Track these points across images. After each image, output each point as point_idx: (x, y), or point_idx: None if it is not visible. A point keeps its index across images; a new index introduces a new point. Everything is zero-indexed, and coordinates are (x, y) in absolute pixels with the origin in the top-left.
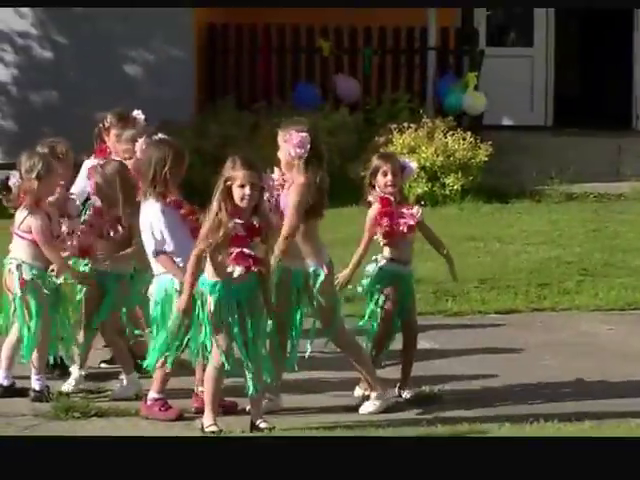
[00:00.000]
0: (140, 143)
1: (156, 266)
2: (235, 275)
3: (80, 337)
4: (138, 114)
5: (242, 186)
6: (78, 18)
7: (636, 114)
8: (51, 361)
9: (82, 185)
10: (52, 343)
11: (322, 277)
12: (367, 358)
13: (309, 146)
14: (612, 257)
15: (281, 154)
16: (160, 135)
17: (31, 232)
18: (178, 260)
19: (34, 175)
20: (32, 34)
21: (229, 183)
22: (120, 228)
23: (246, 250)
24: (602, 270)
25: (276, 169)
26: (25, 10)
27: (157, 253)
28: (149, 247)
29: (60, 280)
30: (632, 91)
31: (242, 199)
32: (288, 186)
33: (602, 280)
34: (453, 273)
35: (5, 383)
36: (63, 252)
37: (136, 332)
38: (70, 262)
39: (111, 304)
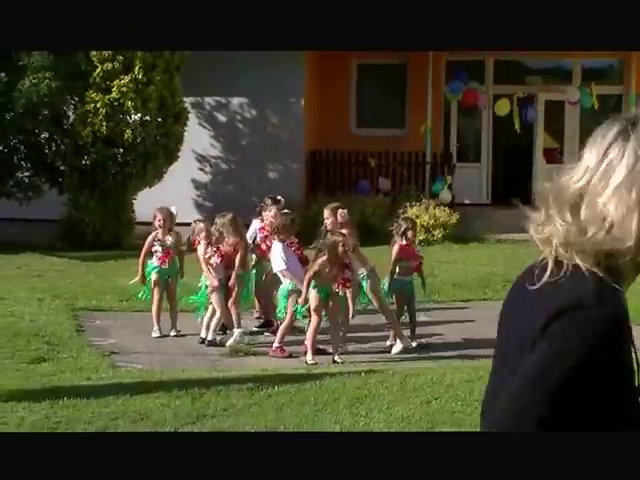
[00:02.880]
0: (272, 213)
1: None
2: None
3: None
4: (281, 198)
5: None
6: (241, 147)
7: (534, 197)
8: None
9: (250, 233)
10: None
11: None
12: (397, 321)
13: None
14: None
15: (327, 221)
16: (286, 211)
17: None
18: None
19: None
20: (220, 155)
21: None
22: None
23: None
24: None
25: None
26: (217, 144)
27: (281, 270)
28: (278, 267)
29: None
30: (532, 185)
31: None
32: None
33: None
34: (424, 288)
35: (210, 338)
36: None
37: None
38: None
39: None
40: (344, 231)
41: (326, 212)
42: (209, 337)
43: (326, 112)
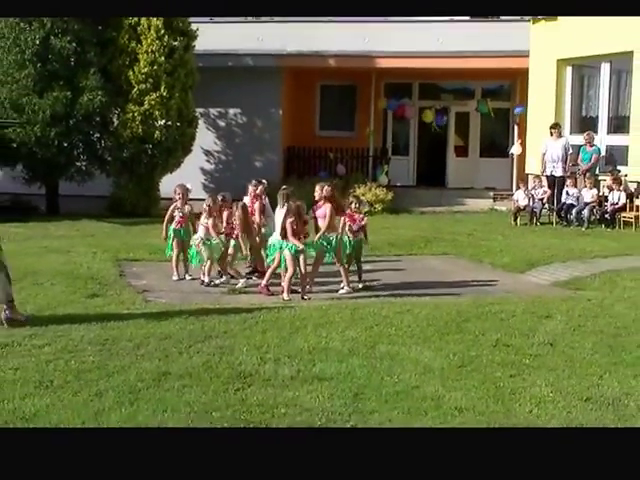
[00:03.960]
0: (252, 189)
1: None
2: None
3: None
4: (264, 182)
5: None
6: (235, 144)
7: (447, 181)
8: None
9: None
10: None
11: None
12: (347, 272)
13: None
14: (438, 234)
15: (316, 194)
16: (288, 187)
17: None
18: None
19: (208, 204)
20: (220, 150)
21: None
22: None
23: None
24: (434, 240)
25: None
26: (218, 142)
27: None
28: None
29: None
30: (445, 172)
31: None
32: (322, 205)
33: (434, 244)
34: (366, 244)
35: (206, 281)
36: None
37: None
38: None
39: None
40: (328, 203)
41: (317, 187)
42: (205, 280)
43: (297, 119)
